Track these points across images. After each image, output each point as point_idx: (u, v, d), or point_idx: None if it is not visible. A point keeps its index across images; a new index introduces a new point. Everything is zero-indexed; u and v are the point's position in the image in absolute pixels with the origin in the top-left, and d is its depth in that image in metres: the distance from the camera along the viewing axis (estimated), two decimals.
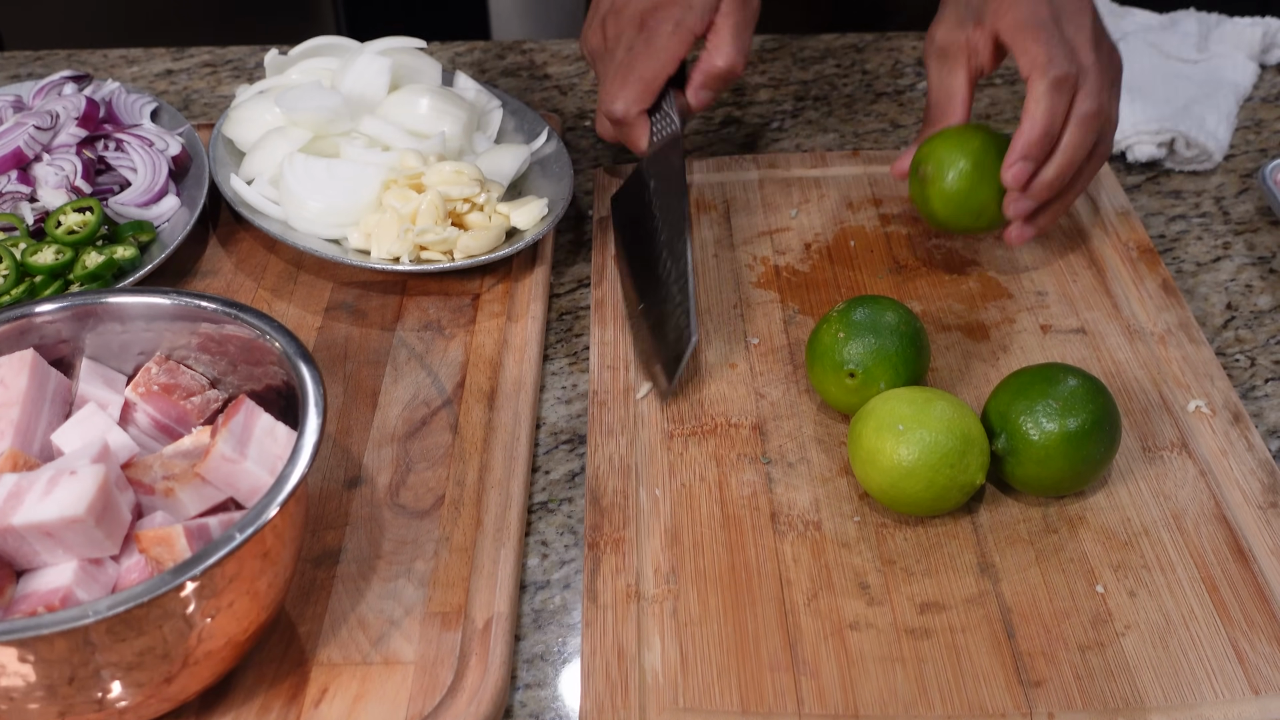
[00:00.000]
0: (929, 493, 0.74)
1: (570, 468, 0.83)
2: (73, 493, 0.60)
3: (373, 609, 0.71)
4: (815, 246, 0.99)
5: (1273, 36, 1.19)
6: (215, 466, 0.65)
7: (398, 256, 0.91)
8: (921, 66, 1.22)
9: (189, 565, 0.57)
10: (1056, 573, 0.74)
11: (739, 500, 0.79)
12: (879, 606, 0.73)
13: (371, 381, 0.86)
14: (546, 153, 1.02)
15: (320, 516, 0.76)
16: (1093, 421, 0.75)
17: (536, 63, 1.25)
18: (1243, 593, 0.73)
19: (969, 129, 0.90)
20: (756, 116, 1.16)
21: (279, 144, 0.97)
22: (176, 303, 0.71)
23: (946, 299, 0.93)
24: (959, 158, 0.89)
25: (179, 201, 0.98)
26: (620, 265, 0.95)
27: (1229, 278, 0.97)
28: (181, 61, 1.26)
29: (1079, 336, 0.90)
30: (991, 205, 0.89)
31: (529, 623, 0.73)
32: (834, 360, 0.81)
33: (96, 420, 0.68)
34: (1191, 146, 1.06)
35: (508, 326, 0.90)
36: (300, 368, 0.67)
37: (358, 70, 1.00)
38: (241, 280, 0.95)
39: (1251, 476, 0.79)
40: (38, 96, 1.05)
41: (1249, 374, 0.89)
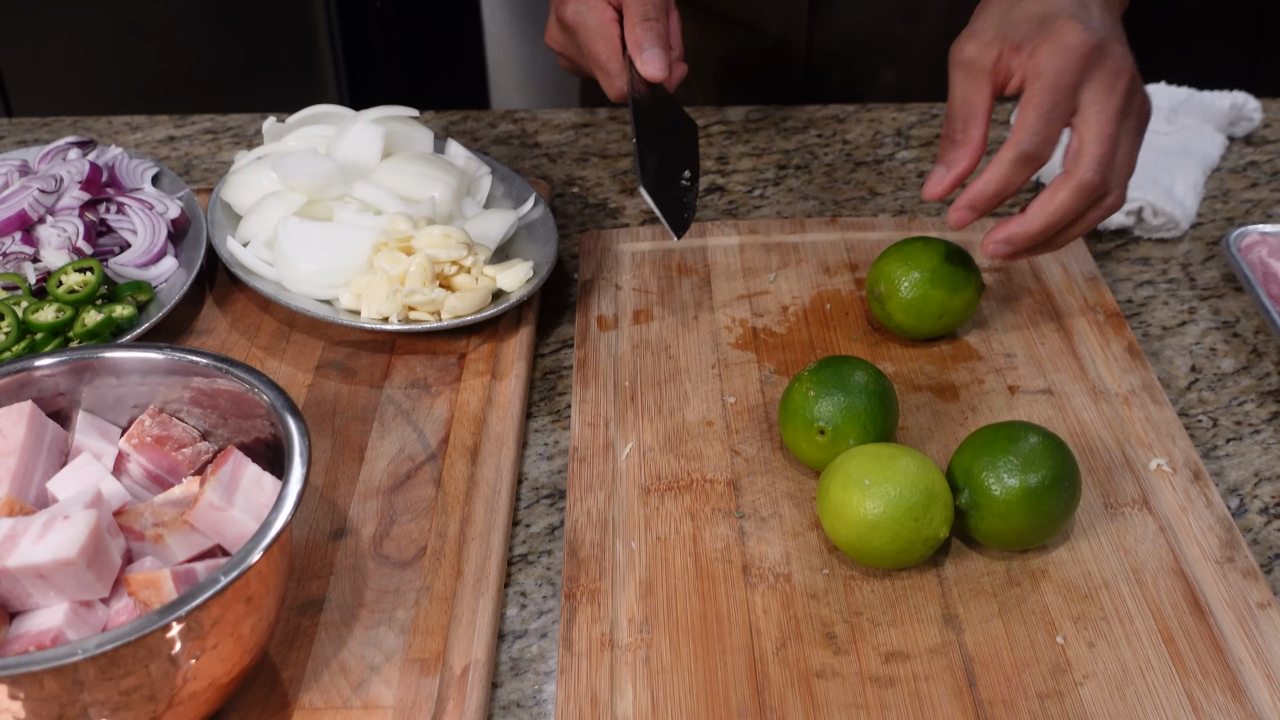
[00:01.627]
0: (894, 545, 0.76)
1: (550, 521, 0.85)
2: (66, 536, 0.63)
3: (354, 655, 0.74)
4: (792, 309, 1.02)
5: (1240, 110, 1.23)
6: (203, 514, 0.67)
7: (387, 317, 0.94)
8: (900, 137, 1.26)
9: (175, 606, 0.60)
10: (1018, 624, 0.77)
11: (712, 553, 0.81)
12: (845, 656, 0.75)
13: (359, 437, 0.89)
14: (533, 218, 1.05)
15: (306, 566, 0.79)
16: (1053, 477, 0.77)
17: (527, 131, 1.29)
18: (1199, 645, 0.75)
19: (911, 243, 0.96)
20: (739, 184, 1.20)
21: (274, 208, 1.01)
22: (169, 357, 0.74)
23: (918, 360, 0.96)
24: (910, 270, 0.94)
25: (177, 263, 1.01)
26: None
27: (1194, 341, 1.00)
28: (183, 128, 1.30)
29: (1045, 397, 0.93)
30: (951, 304, 0.94)
31: (506, 670, 0.76)
32: (805, 418, 0.83)
33: (90, 469, 0.71)
34: (1159, 215, 1.09)
35: (492, 385, 0.93)
36: (287, 420, 0.70)
37: (352, 137, 1.04)
38: (235, 339, 0.98)
39: (1210, 532, 0.82)
40: (43, 161, 1.08)
41: (1211, 434, 0.91)
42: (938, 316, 0.94)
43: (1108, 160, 0.86)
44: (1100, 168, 0.85)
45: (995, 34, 0.87)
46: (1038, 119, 0.85)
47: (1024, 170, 0.86)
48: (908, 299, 0.94)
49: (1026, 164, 0.86)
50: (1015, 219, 0.88)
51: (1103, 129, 0.85)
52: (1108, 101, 0.86)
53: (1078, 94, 0.86)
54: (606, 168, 1.22)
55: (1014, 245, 0.88)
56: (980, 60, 0.87)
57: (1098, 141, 0.85)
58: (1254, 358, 0.98)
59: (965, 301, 0.94)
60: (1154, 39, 2.48)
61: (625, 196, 1.18)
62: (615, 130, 1.28)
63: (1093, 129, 0.85)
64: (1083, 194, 0.86)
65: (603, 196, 1.18)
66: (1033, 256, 0.93)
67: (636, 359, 0.97)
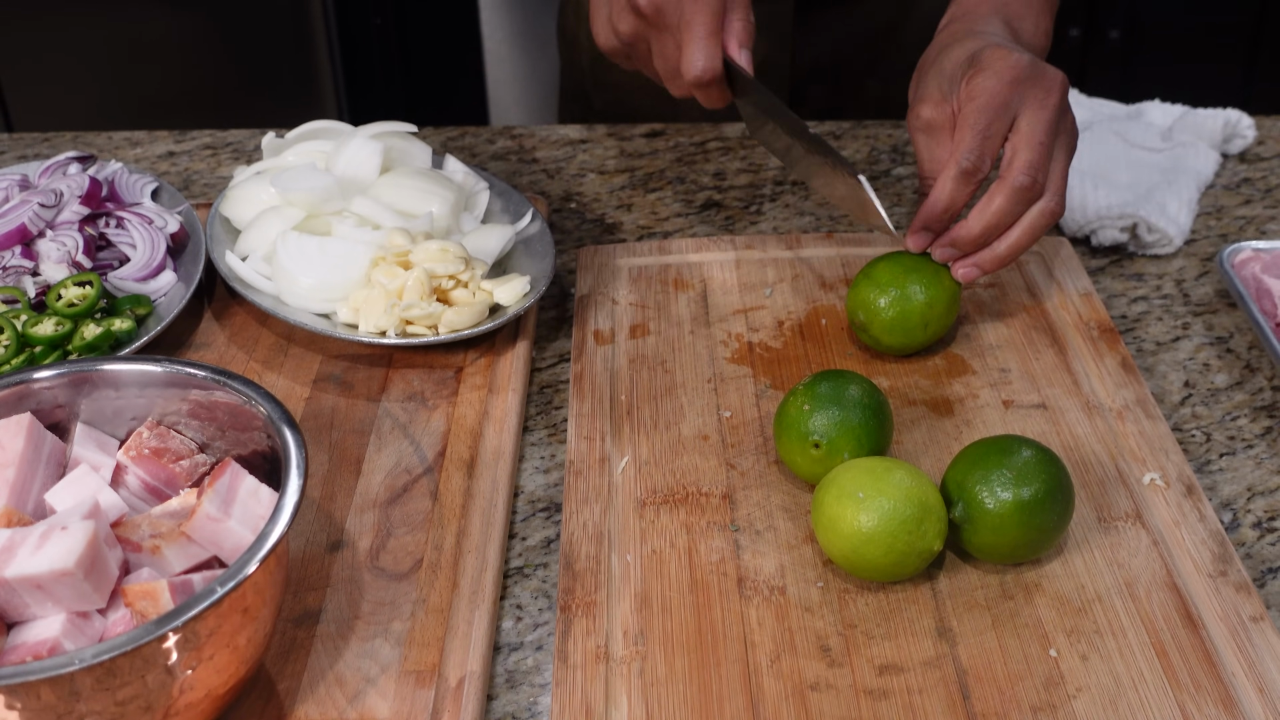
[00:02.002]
0: (888, 558, 0.77)
1: (546, 534, 0.86)
2: (63, 547, 0.63)
3: (350, 667, 0.74)
4: (788, 324, 1.02)
5: (1234, 127, 1.24)
6: (200, 525, 0.68)
7: (384, 330, 0.95)
8: (896, 153, 1.27)
9: (171, 617, 0.60)
10: (1012, 637, 0.77)
11: (707, 566, 0.82)
12: (839, 668, 0.75)
13: (356, 450, 0.89)
14: (531, 232, 1.06)
15: (302, 578, 0.79)
16: (1046, 491, 0.78)
17: (526, 147, 1.29)
18: (1191, 658, 0.76)
19: (874, 266, 0.97)
20: (736, 200, 1.20)
21: (273, 222, 1.01)
22: (167, 370, 0.75)
23: (913, 375, 0.97)
24: (883, 291, 0.95)
25: (176, 277, 1.02)
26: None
27: (1187, 356, 1.00)
28: (183, 144, 1.31)
29: (1040, 411, 0.93)
30: (932, 311, 0.95)
31: (502, 682, 0.76)
32: (800, 431, 0.84)
33: (88, 481, 0.71)
34: (1153, 231, 1.10)
35: (489, 398, 0.93)
36: (284, 432, 0.70)
37: (350, 153, 1.05)
38: (234, 352, 0.98)
39: (1203, 546, 0.82)
40: (43, 176, 1.09)
41: (1204, 449, 0.92)
42: (923, 326, 0.95)
43: (1038, 165, 0.91)
44: (1030, 170, 0.91)
45: (941, 93, 0.95)
46: (974, 137, 0.91)
47: (965, 186, 0.92)
48: (889, 319, 0.94)
49: (967, 180, 0.92)
50: (958, 225, 0.94)
51: (1033, 137, 0.91)
52: (1039, 114, 0.92)
53: (1011, 111, 0.92)
54: (604, 183, 1.23)
55: (959, 248, 0.94)
56: (936, 120, 0.94)
57: (1028, 148, 0.91)
58: (1247, 373, 0.99)
59: (945, 303, 0.95)
60: (1151, 59, 2.50)
61: (622, 212, 1.19)
62: (613, 146, 1.29)
63: (1024, 138, 0.91)
64: (1015, 195, 0.91)
65: (600, 212, 1.19)
66: (994, 270, 0.96)
67: (633, 373, 0.97)
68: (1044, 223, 0.93)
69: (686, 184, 1.23)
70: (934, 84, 0.95)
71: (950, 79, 0.94)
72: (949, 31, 1.00)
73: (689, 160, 1.26)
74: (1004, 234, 0.94)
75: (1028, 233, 0.94)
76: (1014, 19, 1.00)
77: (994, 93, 0.91)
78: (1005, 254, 0.94)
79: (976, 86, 0.92)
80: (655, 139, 1.30)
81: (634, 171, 1.25)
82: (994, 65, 0.92)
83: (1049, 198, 0.93)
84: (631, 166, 1.26)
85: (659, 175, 1.24)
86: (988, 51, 0.93)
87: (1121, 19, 2.47)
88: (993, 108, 0.91)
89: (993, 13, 1.00)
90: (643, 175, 1.24)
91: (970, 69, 0.93)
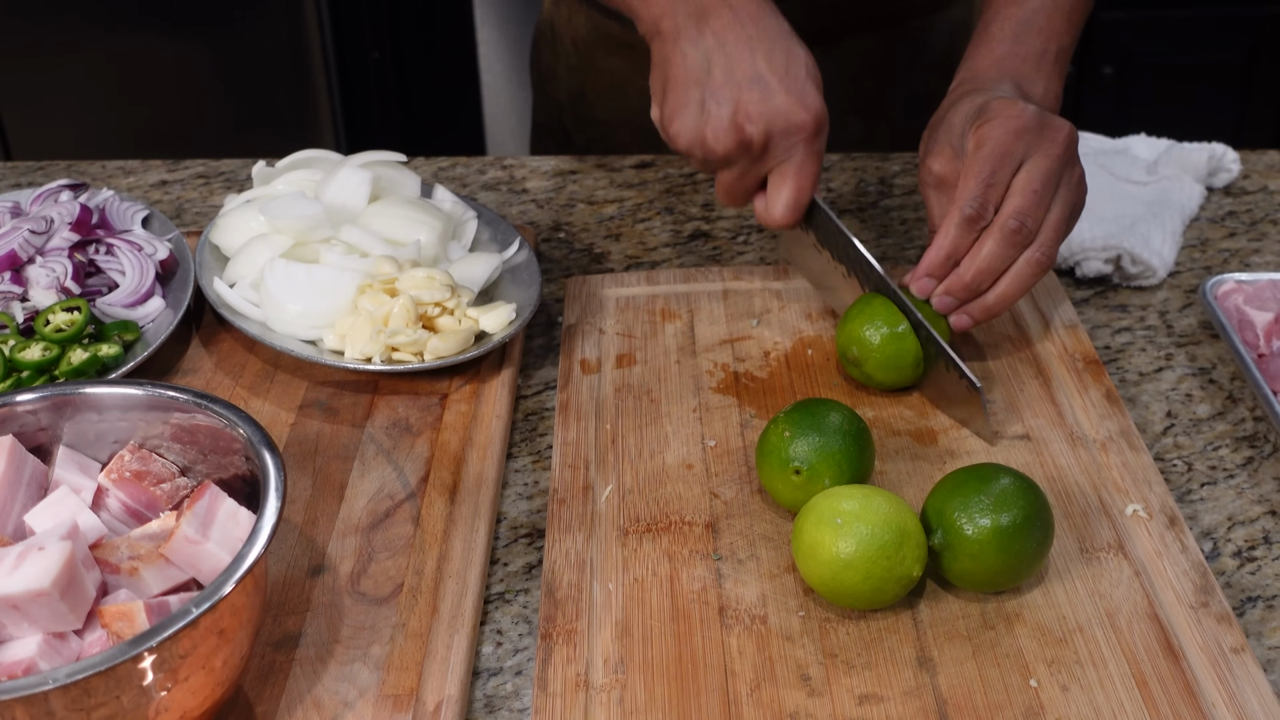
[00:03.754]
0: (867, 584, 0.77)
1: (528, 560, 0.86)
2: (39, 568, 0.63)
3: (328, 691, 0.74)
4: (774, 355, 1.03)
5: (1218, 160, 1.25)
6: (178, 547, 0.68)
7: (370, 357, 0.95)
8: (884, 185, 1.28)
9: (146, 638, 0.60)
10: (992, 667, 0.77)
11: (689, 595, 0.82)
12: (819, 698, 0.75)
13: (340, 475, 0.89)
14: (518, 261, 1.06)
15: (283, 602, 0.79)
16: (1024, 518, 0.78)
17: (516, 177, 1.30)
18: (1172, 689, 0.75)
19: (869, 301, 0.97)
20: (724, 230, 1.21)
21: (261, 250, 1.02)
22: (148, 393, 0.75)
23: (897, 405, 0.97)
24: (878, 327, 0.95)
25: (164, 303, 1.02)
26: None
27: (1170, 387, 1.01)
28: (176, 173, 1.32)
29: (1023, 443, 0.93)
30: (924, 351, 0.95)
31: (480, 708, 0.76)
32: (780, 458, 0.84)
33: (68, 502, 0.71)
34: (1137, 263, 1.11)
35: (473, 425, 0.93)
36: (263, 454, 0.71)
37: (339, 181, 1.05)
38: (220, 378, 0.99)
39: (1184, 577, 0.82)
40: (35, 203, 1.10)
41: (1186, 479, 0.92)
42: (915, 365, 0.95)
43: (1027, 211, 0.92)
44: (1019, 215, 0.92)
45: (951, 149, 0.95)
46: (977, 185, 0.92)
47: (968, 233, 0.93)
48: (884, 356, 0.95)
49: (970, 226, 0.93)
50: (953, 273, 0.95)
51: (1029, 184, 0.92)
52: (1039, 163, 0.92)
53: (1016, 160, 0.92)
54: (593, 214, 1.24)
55: (954, 295, 0.95)
56: (946, 175, 0.95)
57: (1021, 194, 0.92)
58: (1229, 404, 0.99)
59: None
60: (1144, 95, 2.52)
61: (610, 242, 1.19)
62: (602, 177, 1.30)
63: (1020, 184, 0.92)
64: (1003, 239, 0.92)
65: (589, 242, 1.19)
66: (985, 320, 0.97)
67: (618, 402, 0.98)
68: (1030, 273, 0.93)
69: (675, 214, 1.23)
70: (944, 140, 0.96)
71: (959, 133, 0.95)
72: (957, 95, 1.01)
73: (677, 191, 1.27)
74: (994, 283, 0.94)
75: (1014, 283, 0.94)
76: (1024, 82, 1.00)
77: (999, 141, 0.92)
78: (994, 304, 0.95)
79: (983, 135, 0.93)
80: (645, 170, 1.31)
81: (623, 202, 1.26)
82: (1000, 115, 0.92)
83: (1036, 247, 0.93)
84: (620, 197, 1.26)
85: (648, 206, 1.25)
86: (995, 102, 0.94)
87: (1115, 55, 2.49)
88: (996, 155, 0.92)
89: (1001, 77, 1.00)
90: (631, 205, 1.25)
91: (978, 119, 0.94)
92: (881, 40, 1.33)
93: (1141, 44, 2.49)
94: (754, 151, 0.91)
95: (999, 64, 1.00)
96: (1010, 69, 1.00)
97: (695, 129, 0.90)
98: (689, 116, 0.90)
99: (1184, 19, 2.49)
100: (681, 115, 0.91)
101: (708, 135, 0.90)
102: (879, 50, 1.33)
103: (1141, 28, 2.48)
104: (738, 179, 0.94)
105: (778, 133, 0.90)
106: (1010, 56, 1.00)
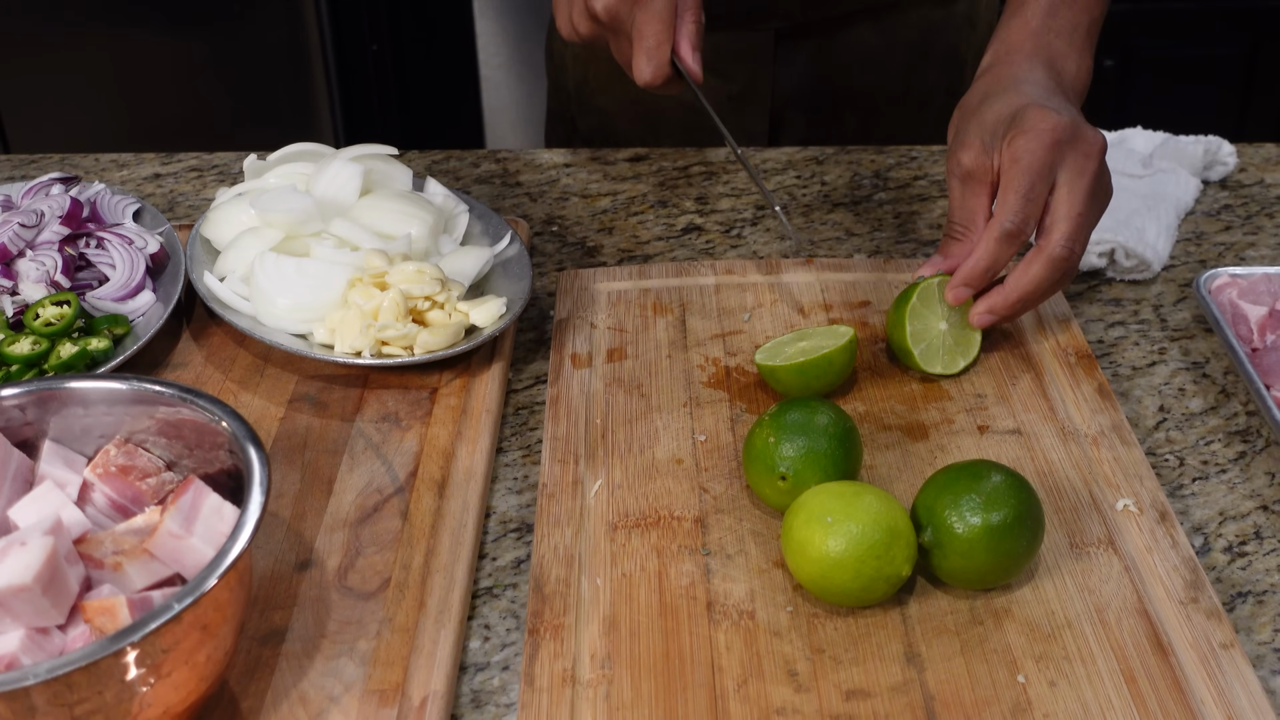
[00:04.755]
0: (856, 583, 0.77)
1: (517, 555, 0.86)
2: (21, 562, 0.63)
3: (314, 685, 0.74)
4: None
5: (1215, 154, 1.24)
6: (162, 542, 0.68)
7: (360, 351, 0.95)
8: (878, 179, 1.27)
9: (128, 633, 0.60)
10: (980, 663, 0.77)
11: (677, 590, 0.81)
12: (806, 693, 0.75)
13: (328, 470, 0.89)
14: (509, 255, 1.06)
15: (270, 597, 0.79)
16: (1015, 516, 0.78)
17: (509, 170, 1.30)
18: (1160, 685, 0.75)
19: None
20: (717, 224, 1.21)
21: (252, 243, 1.01)
22: (133, 388, 0.75)
23: (889, 400, 0.97)
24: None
25: (154, 297, 1.02)
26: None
27: (1163, 381, 1.00)
28: (170, 166, 1.31)
29: (1015, 437, 0.93)
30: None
31: (467, 702, 0.76)
32: (767, 464, 0.84)
33: (52, 497, 0.71)
34: (1131, 257, 1.10)
35: (463, 419, 0.93)
36: (247, 449, 0.70)
37: (330, 175, 1.05)
38: (210, 372, 0.98)
39: (1174, 573, 0.82)
40: (26, 196, 1.09)
41: (1177, 473, 0.92)
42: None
43: (1077, 236, 0.94)
44: (1069, 243, 0.93)
45: (982, 144, 0.96)
46: (1017, 200, 0.93)
47: (1009, 248, 0.94)
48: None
49: (1010, 242, 0.94)
50: (996, 290, 0.96)
51: (1073, 207, 0.93)
52: (1079, 182, 0.94)
53: (1052, 174, 0.93)
54: (586, 207, 1.23)
55: (996, 314, 0.97)
56: (975, 171, 0.96)
57: (1068, 219, 0.93)
58: (1222, 398, 0.99)
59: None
60: (1145, 88, 2.51)
61: (603, 235, 1.19)
62: (596, 171, 1.29)
63: (1064, 207, 0.93)
64: (1053, 267, 0.94)
65: (581, 235, 1.19)
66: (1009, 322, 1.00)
67: (609, 396, 0.97)
68: (1060, 288, 0.97)
69: (668, 208, 1.23)
70: (975, 134, 0.96)
71: (992, 132, 0.96)
72: (992, 76, 1.01)
73: (671, 184, 1.27)
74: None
75: (1044, 297, 0.97)
76: (1057, 59, 1.01)
77: (1036, 155, 0.93)
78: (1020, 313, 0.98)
79: (1019, 149, 0.93)
80: (638, 163, 1.30)
81: (616, 195, 1.25)
82: (1036, 127, 0.93)
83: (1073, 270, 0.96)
84: (614, 190, 1.26)
85: (641, 199, 1.25)
86: (1031, 112, 0.94)
87: (1117, 48, 2.48)
88: (1035, 170, 0.93)
89: (1035, 53, 1.01)
90: (625, 199, 1.25)
91: (1012, 128, 0.94)
92: (880, 34, 1.33)
93: (1143, 37, 2.48)
94: (607, 25, 1.01)
95: (1034, 37, 1.02)
96: (1044, 43, 1.01)
97: (566, 18, 1.05)
98: (560, 14, 1.05)
99: (1186, 12, 2.48)
100: (558, 9, 1.05)
101: (574, 20, 1.04)
102: (874, 45, 1.33)
103: (1143, 21, 2.47)
104: (619, 54, 1.03)
105: (613, 3, 0.99)
106: (1044, 30, 1.02)
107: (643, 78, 1.00)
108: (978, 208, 0.97)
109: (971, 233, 0.97)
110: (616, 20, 1.00)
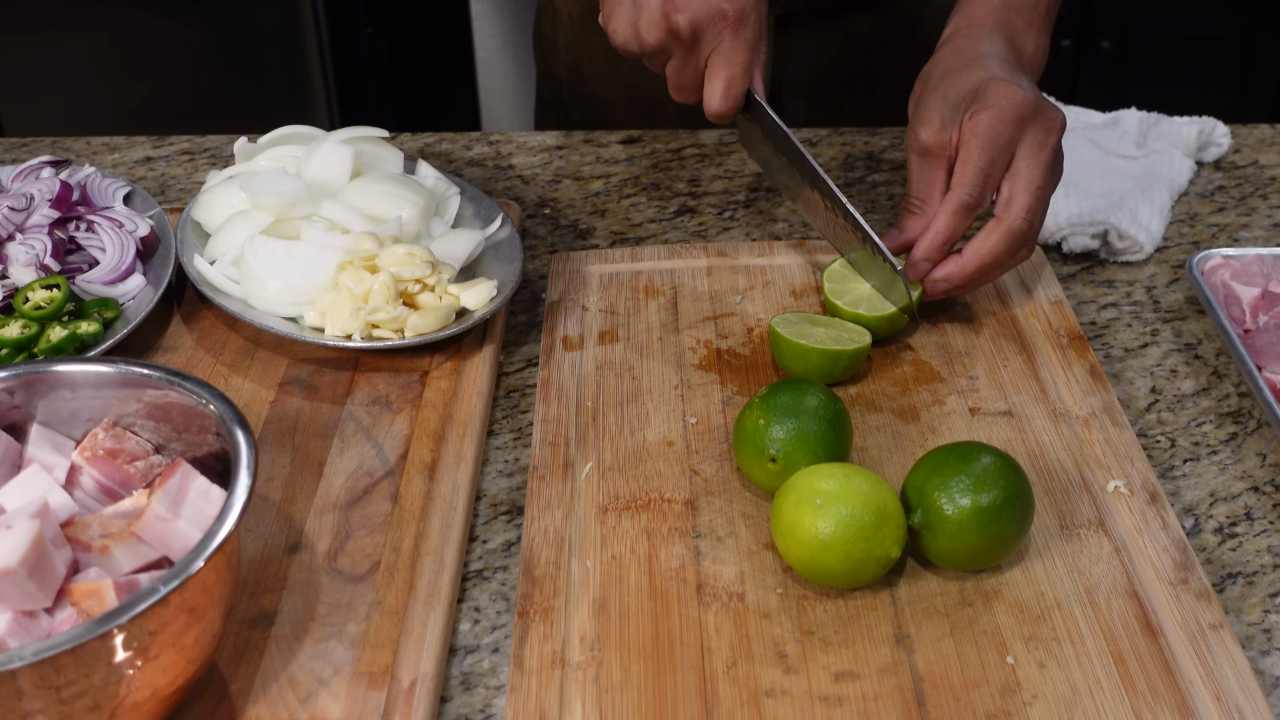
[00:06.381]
0: (846, 564, 0.77)
1: (507, 537, 0.86)
2: (7, 546, 0.63)
3: (303, 668, 0.74)
4: (757, 331, 1.02)
5: (1208, 135, 1.24)
6: (149, 525, 0.68)
7: (350, 334, 0.94)
8: (871, 160, 1.27)
9: (114, 615, 0.60)
10: (969, 644, 0.77)
11: (667, 572, 0.81)
12: (795, 675, 0.75)
13: (319, 453, 0.89)
14: (500, 237, 1.06)
15: (259, 580, 0.79)
16: (1004, 498, 0.78)
17: (502, 153, 1.29)
18: (1149, 666, 0.75)
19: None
20: (710, 206, 1.20)
21: (242, 226, 1.01)
22: (120, 371, 0.75)
23: (880, 381, 0.97)
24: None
25: (145, 280, 1.02)
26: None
27: (1155, 363, 1.00)
28: (161, 149, 1.31)
29: (1006, 419, 0.93)
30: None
31: (457, 684, 0.76)
32: (757, 446, 0.84)
33: (39, 480, 0.71)
34: (1123, 238, 1.10)
35: (453, 402, 0.93)
36: (235, 432, 0.70)
37: (321, 157, 1.05)
38: (201, 356, 0.98)
39: (1165, 554, 0.82)
40: (16, 179, 1.09)
41: (1168, 454, 0.92)
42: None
43: (1036, 210, 0.95)
44: (1029, 215, 0.95)
45: (942, 120, 0.96)
46: (975, 174, 0.94)
47: (965, 219, 0.96)
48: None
49: (967, 214, 0.95)
50: (953, 259, 0.97)
51: (1032, 181, 0.94)
52: (1038, 156, 0.95)
53: (1011, 149, 0.95)
54: (579, 190, 1.23)
55: (951, 283, 0.97)
56: (933, 146, 0.96)
57: (1027, 192, 0.94)
58: (1214, 379, 0.98)
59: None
60: (1143, 69, 2.50)
61: (596, 218, 1.19)
62: (589, 153, 1.29)
63: (1023, 180, 0.94)
64: (1012, 239, 0.95)
65: (574, 218, 1.19)
66: (963, 294, 1.01)
67: (600, 379, 0.97)
68: (1021, 261, 0.98)
69: (661, 190, 1.23)
70: (935, 109, 0.97)
71: (953, 108, 0.96)
72: (953, 47, 1.02)
73: (664, 167, 1.26)
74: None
75: (1005, 270, 0.99)
76: (1017, 35, 1.02)
77: (997, 129, 0.93)
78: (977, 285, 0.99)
79: (980, 123, 0.94)
80: (631, 145, 1.30)
81: (609, 178, 1.25)
82: (1000, 102, 0.94)
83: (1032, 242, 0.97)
84: (607, 173, 1.26)
85: (634, 181, 1.24)
86: (993, 86, 0.95)
87: (1113, 29, 2.47)
88: (995, 144, 0.94)
89: (997, 28, 1.02)
90: (618, 181, 1.24)
91: (974, 104, 0.95)
92: (877, 19, 1.32)
93: (1140, 18, 2.47)
94: (684, 41, 0.94)
95: (995, 12, 1.03)
96: (1005, 19, 1.02)
97: (630, 23, 0.95)
98: (624, 12, 0.95)
99: None
100: (618, 12, 0.95)
101: (640, 27, 0.94)
102: (875, 29, 1.33)
103: (1140, 1, 2.46)
104: (677, 71, 0.97)
105: (703, 21, 0.93)
106: (1005, 7, 1.03)
107: (714, 107, 0.95)
108: (935, 181, 0.97)
109: (929, 206, 0.98)
110: (698, 39, 0.94)
